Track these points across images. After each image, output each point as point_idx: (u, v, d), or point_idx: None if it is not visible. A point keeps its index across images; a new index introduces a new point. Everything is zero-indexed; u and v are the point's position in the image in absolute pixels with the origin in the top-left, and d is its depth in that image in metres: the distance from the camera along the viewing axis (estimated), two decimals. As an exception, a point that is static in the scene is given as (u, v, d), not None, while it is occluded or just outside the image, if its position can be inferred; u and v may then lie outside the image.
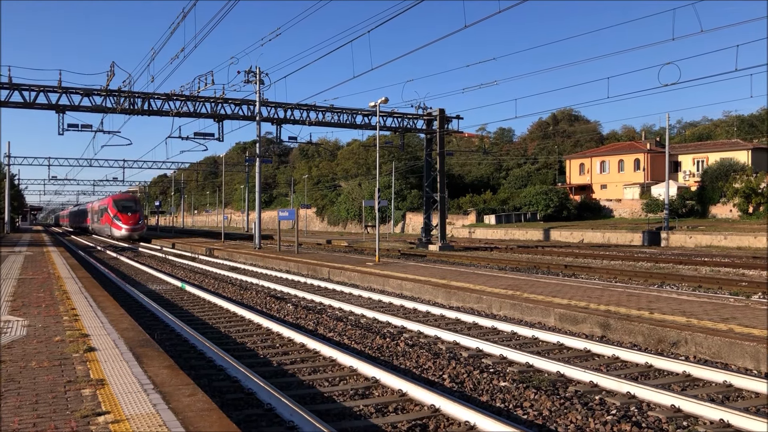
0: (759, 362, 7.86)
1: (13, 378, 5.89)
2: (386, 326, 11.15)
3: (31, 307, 10.47)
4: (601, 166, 69.45)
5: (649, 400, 6.53)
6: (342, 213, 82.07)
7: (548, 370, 7.78)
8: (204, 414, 4.76)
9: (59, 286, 13.98)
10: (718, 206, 53.14)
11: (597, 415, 6.16)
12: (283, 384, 7.26)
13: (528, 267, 23.94)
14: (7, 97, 28.38)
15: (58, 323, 8.92)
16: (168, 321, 11.41)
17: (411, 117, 36.93)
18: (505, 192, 72.29)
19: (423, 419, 6.02)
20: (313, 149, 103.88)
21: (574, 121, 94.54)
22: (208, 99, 31.73)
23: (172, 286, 17.99)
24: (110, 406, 4.98)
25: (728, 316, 9.97)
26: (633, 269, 22.55)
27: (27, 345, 7.40)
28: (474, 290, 13.86)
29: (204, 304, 14.29)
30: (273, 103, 33.55)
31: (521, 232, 54.42)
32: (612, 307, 11.17)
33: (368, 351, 9.18)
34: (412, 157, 74.52)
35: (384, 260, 23.72)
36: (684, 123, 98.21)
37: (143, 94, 30.65)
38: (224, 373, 7.70)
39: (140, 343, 7.51)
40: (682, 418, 6.05)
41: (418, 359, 8.58)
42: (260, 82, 31.26)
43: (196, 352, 9.01)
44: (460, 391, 7.11)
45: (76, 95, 29.70)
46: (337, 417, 6.16)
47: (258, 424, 5.88)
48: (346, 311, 12.91)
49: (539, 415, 6.23)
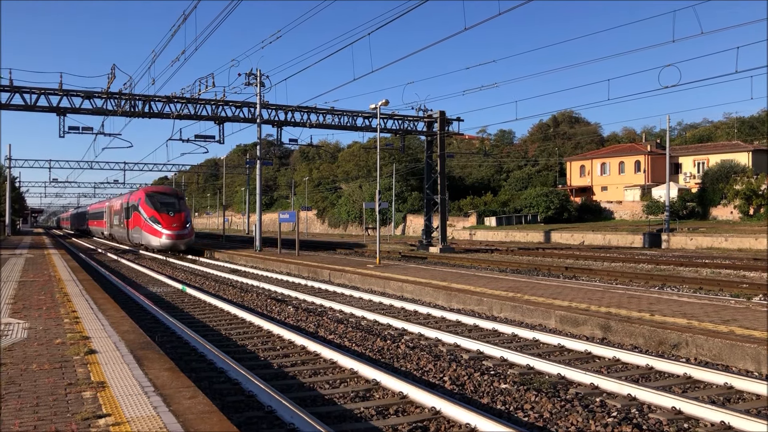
0: (760, 364, 7.86)
1: (14, 380, 5.89)
2: (387, 328, 11.15)
3: (32, 310, 10.48)
4: (602, 168, 69.44)
5: (650, 402, 6.52)
6: (343, 215, 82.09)
7: (549, 372, 7.78)
8: (205, 416, 4.76)
9: (60, 288, 13.98)
10: (719, 208, 53.12)
11: (598, 417, 6.15)
12: (284, 386, 7.26)
13: (529, 269, 23.93)
14: (8, 100, 28.40)
15: (58, 326, 8.92)
16: (169, 323, 11.41)
17: (411, 119, 36.94)
18: (505, 194, 72.30)
19: (424, 421, 6.02)
20: (313, 151, 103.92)
21: (575, 123, 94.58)
22: (208, 101, 31.75)
23: (172, 288, 18.00)
24: (111, 409, 4.98)
25: (729, 318, 9.97)
26: (634, 271, 22.54)
27: (28, 347, 7.40)
28: (475, 292, 13.85)
29: (205, 306, 14.29)
30: (274, 106, 33.56)
31: (522, 234, 54.39)
32: (613, 309, 11.16)
33: (369, 353, 9.18)
34: (412, 159, 74.57)
35: (385, 262, 23.72)
36: (684, 125, 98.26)
37: (144, 97, 30.67)
38: (225, 376, 7.70)
39: (141, 346, 7.51)
40: (683, 420, 6.05)
41: (419, 361, 8.58)
42: (261, 85, 31.28)
43: (197, 354, 9.01)
44: (461, 393, 7.11)
45: (77, 98, 29.73)
46: (337, 419, 6.16)
47: (259, 426, 5.88)
48: (346, 313, 12.91)
49: (540, 417, 6.23)
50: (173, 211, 33.88)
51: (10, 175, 59.65)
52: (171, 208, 34.25)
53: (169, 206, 34.33)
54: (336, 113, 34.95)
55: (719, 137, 78.61)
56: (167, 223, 32.95)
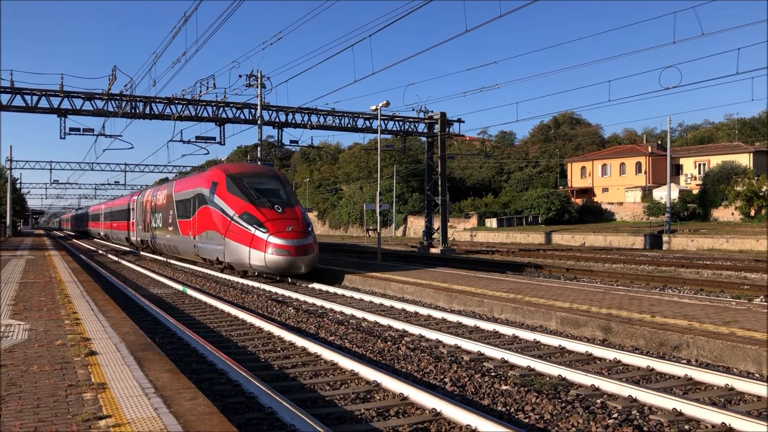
0: (761, 365, 7.85)
1: (14, 382, 5.89)
2: (387, 330, 11.14)
3: (32, 311, 10.48)
4: (603, 169, 69.46)
5: (650, 403, 6.51)
6: (343, 216, 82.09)
7: (550, 374, 7.77)
8: (205, 418, 4.76)
9: (61, 290, 13.99)
10: (720, 209, 53.10)
11: (598, 418, 6.15)
12: (284, 388, 7.26)
13: (529, 270, 23.91)
14: (9, 101, 28.45)
15: (59, 327, 8.92)
16: (169, 324, 11.41)
17: (412, 120, 36.96)
18: (506, 195, 72.31)
19: (424, 423, 6.01)
20: (314, 153, 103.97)
21: (576, 124, 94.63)
22: (209, 103, 31.79)
23: (173, 289, 18.00)
24: (111, 410, 4.98)
25: (730, 320, 9.96)
26: (635, 272, 22.52)
27: (28, 349, 7.41)
28: (475, 294, 13.85)
29: (205, 307, 14.29)
30: (274, 107, 33.60)
31: (523, 235, 54.39)
32: (613, 310, 11.15)
33: (369, 355, 9.17)
34: (413, 160, 74.56)
35: (385, 263, 23.72)
36: (685, 126, 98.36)
37: (145, 98, 30.70)
38: (225, 377, 7.70)
39: (141, 347, 7.51)
40: (683, 422, 6.04)
41: (420, 363, 8.57)
42: (262, 86, 31.32)
43: (198, 355, 9.01)
44: (462, 394, 7.10)
45: (78, 99, 29.77)
46: (338, 421, 6.15)
47: (259, 427, 5.88)
48: (347, 315, 12.91)
49: (540, 418, 6.22)
50: (281, 205, 19.48)
51: (11, 177, 59.72)
52: (278, 200, 19.76)
53: (272, 196, 19.94)
54: (337, 114, 34.98)
55: (720, 138, 78.63)
56: (278, 227, 18.51)
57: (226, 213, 19.98)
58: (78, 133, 30.98)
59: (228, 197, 20.18)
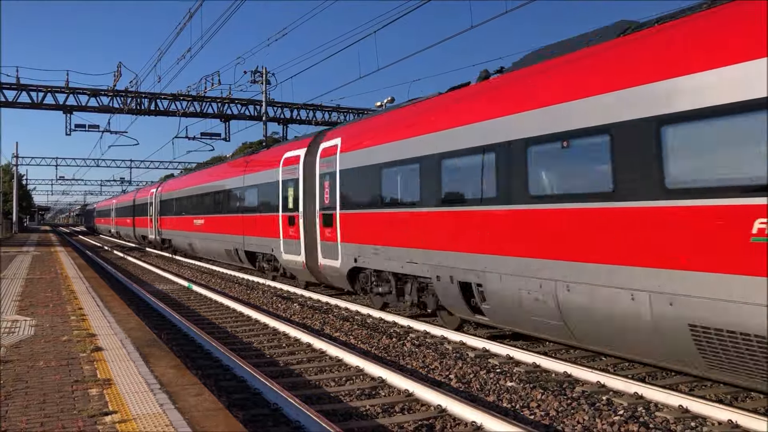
0: (768, 362, 7.80)
1: (20, 377, 5.91)
2: (392, 326, 11.14)
3: (38, 307, 10.52)
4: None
5: (656, 400, 6.49)
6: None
7: (555, 370, 7.75)
8: (210, 414, 4.76)
9: (66, 285, 14.04)
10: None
11: (604, 415, 6.13)
12: (290, 384, 7.27)
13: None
14: (15, 98, 28.55)
15: (65, 323, 8.95)
16: (175, 320, 11.44)
17: (417, 116, 36.87)
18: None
19: (429, 419, 6.01)
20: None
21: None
22: (214, 99, 31.85)
23: (178, 285, 18.04)
24: (117, 406, 5.00)
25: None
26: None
27: (35, 344, 7.43)
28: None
29: (211, 303, 14.32)
30: (279, 103, 33.62)
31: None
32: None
33: (375, 351, 9.17)
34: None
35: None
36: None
37: (150, 95, 30.77)
38: (231, 373, 7.71)
39: (147, 343, 7.53)
40: (690, 419, 6.01)
41: (425, 359, 8.57)
42: (266, 82, 31.31)
43: (203, 351, 9.03)
44: (467, 391, 7.09)
45: (83, 95, 29.86)
46: (343, 417, 6.15)
47: (264, 423, 5.89)
48: (352, 311, 12.90)
49: (546, 415, 6.21)
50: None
51: (17, 173, 59.98)
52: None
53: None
54: (342, 111, 34.99)
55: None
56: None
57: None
58: (83, 129, 31.13)
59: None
